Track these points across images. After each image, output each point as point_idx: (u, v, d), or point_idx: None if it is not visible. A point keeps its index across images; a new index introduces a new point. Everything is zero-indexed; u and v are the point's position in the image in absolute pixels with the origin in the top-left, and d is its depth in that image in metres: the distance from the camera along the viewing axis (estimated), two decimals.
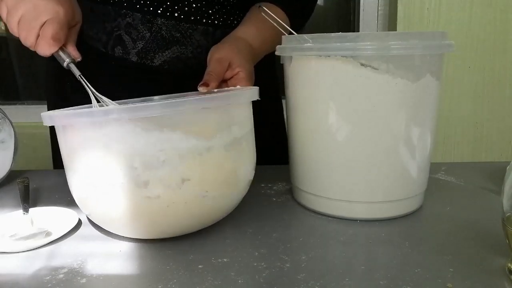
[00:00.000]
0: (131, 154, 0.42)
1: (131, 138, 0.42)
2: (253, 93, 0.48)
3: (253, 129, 0.52)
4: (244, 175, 0.50)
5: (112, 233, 0.49)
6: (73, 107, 0.55)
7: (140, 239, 0.48)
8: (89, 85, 0.55)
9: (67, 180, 0.49)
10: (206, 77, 0.59)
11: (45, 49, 0.56)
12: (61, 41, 0.57)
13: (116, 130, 0.42)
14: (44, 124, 0.46)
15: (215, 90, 0.59)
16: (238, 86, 0.59)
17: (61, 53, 0.57)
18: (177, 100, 0.43)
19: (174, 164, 0.43)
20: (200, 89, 0.57)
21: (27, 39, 0.56)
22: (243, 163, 0.49)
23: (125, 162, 0.42)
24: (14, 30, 0.57)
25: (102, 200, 0.44)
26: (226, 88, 0.60)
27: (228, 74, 0.61)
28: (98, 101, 0.54)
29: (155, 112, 0.41)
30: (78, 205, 0.49)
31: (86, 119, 0.43)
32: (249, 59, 0.64)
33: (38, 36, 0.56)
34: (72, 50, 0.59)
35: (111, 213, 0.45)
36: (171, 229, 0.46)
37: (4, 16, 0.57)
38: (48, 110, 0.85)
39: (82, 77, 0.56)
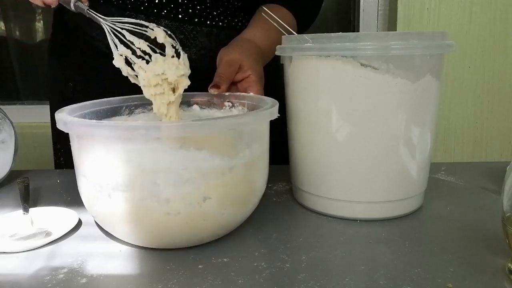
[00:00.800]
0: (155, 171, 0.41)
1: (157, 155, 0.41)
2: (275, 110, 0.48)
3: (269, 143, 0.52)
4: (260, 190, 0.50)
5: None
6: (84, 104, 0.54)
7: None
8: (99, 15, 0.53)
9: (77, 182, 0.48)
10: (216, 79, 0.58)
11: None
12: None
13: (142, 146, 0.41)
14: (60, 128, 0.45)
15: (226, 93, 0.59)
16: (249, 93, 0.58)
17: None
18: (207, 120, 0.43)
19: (198, 183, 0.42)
20: (211, 91, 0.57)
21: None
22: (259, 179, 0.49)
23: (147, 178, 0.42)
24: None
25: (117, 210, 0.44)
26: (237, 93, 0.59)
27: (238, 77, 0.60)
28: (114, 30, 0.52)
29: (184, 132, 0.41)
30: (85, 206, 0.49)
31: (111, 132, 0.41)
32: (259, 61, 0.63)
33: None
34: None
35: (125, 224, 0.44)
36: (186, 242, 0.46)
37: None
38: (51, 110, 0.84)
39: (91, 10, 0.55)
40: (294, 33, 0.56)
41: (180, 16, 0.70)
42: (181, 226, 0.43)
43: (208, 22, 0.72)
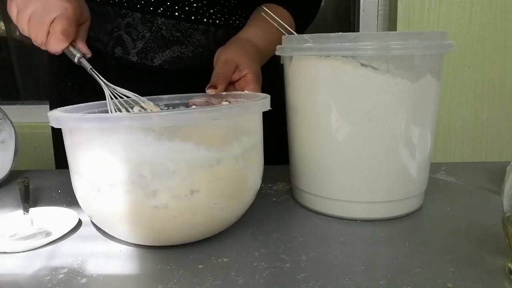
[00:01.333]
0: (140, 162, 0.41)
1: (141, 147, 0.41)
2: (265, 102, 0.48)
3: (262, 138, 0.51)
4: (253, 185, 0.50)
5: None
6: (78, 106, 0.54)
7: None
8: (101, 77, 0.56)
9: (71, 180, 0.49)
10: (213, 79, 0.58)
11: (55, 44, 0.57)
12: (71, 37, 0.58)
13: (126, 137, 0.41)
14: (51, 125, 0.45)
15: (223, 92, 0.59)
16: (246, 91, 0.58)
17: (71, 49, 0.58)
18: (189, 110, 0.42)
19: (184, 174, 0.42)
20: (208, 91, 0.57)
21: (38, 37, 0.57)
22: (252, 173, 0.49)
23: (133, 170, 0.41)
24: (25, 29, 0.58)
25: (107, 205, 0.44)
26: (234, 92, 0.59)
27: (235, 76, 0.60)
28: (112, 94, 0.54)
29: (166, 122, 0.41)
30: (80, 205, 0.49)
31: (96, 124, 0.41)
32: (256, 61, 0.63)
33: (48, 33, 0.57)
34: (82, 46, 0.60)
35: (115, 219, 0.44)
36: (177, 238, 0.46)
37: (14, 15, 0.58)
38: (50, 110, 0.85)
39: (94, 70, 0.57)
40: (294, 33, 0.56)
41: (176, 14, 0.71)
42: (170, 220, 0.43)
43: (205, 20, 0.72)
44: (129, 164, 0.42)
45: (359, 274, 0.40)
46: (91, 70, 0.57)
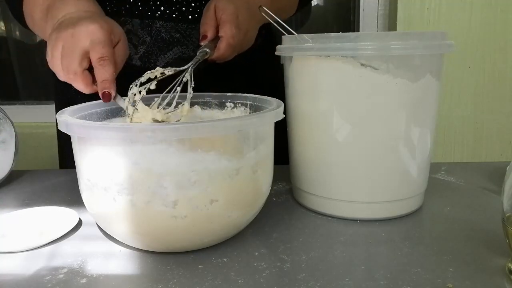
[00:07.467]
0: (162, 173, 0.41)
1: (164, 158, 0.41)
2: (281, 110, 0.48)
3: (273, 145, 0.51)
4: (266, 191, 0.50)
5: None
6: (82, 106, 0.53)
7: None
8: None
9: (79, 185, 0.48)
10: (201, 29, 0.61)
11: (102, 72, 0.51)
12: (111, 59, 0.52)
13: (148, 148, 0.41)
14: (62, 130, 0.44)
15: (228, 94, 0.58)
16: (250, 95, 0.57)
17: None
18: (214, 121, 0.42)
19: (205, 185, 0.42)
20: (201, 43, 0.60)
21: (70, 65, 0.52)
22: (265, 180, 0.49)
23: (154, 181, 0.41)
24: (58, 68, 0.53)
25: (122, 214, 0.43)
26: (240, 94, 0.58)
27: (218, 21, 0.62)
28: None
29: (191, 134, 0.40)
30: (88, 211, 0.48)
31: (117, 133, 0.40)
32: (234, 2, 0.63)
33: (80, 61, 0.52)
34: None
35: (131, 228, 0.43)
36: (191, 246, 0.45)
37: (50, 61, 0.55)
38: (56, 110, 0.84)
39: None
40: (294, 33, 0.56)
41: (174, 15, 0.71)
42: (187, 229, 0.43)
43: None
44: (150, 174, 0.41)
45: (359, 274, 0.41)
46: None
